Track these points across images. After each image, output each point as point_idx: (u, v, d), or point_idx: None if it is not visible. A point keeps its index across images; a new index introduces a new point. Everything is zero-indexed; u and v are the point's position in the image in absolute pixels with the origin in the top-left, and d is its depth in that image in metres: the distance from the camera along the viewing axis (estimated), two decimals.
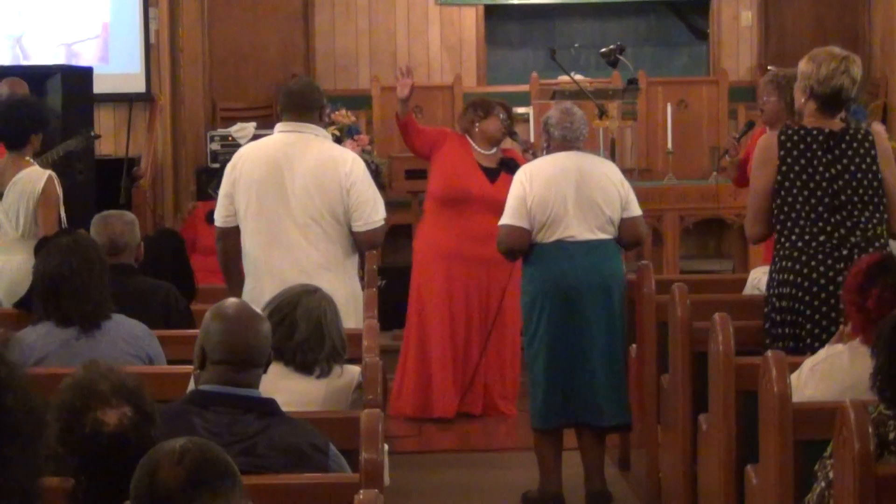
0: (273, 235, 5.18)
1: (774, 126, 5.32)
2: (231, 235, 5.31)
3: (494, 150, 6.89)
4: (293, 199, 5.18)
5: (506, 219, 5.62)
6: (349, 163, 5.33)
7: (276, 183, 5.19)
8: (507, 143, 7.07)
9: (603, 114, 7.89)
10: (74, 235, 4.63)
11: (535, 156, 6.56)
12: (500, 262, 6.53)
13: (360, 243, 5.37)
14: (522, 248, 5.64)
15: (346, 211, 5.21)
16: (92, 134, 7.53)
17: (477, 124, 6.86)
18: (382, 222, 5.36)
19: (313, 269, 5.08)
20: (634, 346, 5.80)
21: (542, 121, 5.87)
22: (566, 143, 5.61)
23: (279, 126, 5.41)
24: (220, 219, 5.35)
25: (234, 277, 5.33)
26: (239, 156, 5.42)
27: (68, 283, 4.23)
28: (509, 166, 6.63)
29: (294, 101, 5.39)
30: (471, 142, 6.89)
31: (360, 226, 5.26)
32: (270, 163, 5.24)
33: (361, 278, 5.66)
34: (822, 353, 3.99)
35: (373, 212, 5.29)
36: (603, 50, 8.78)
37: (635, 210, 5.60)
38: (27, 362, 4.18)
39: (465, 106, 7.29)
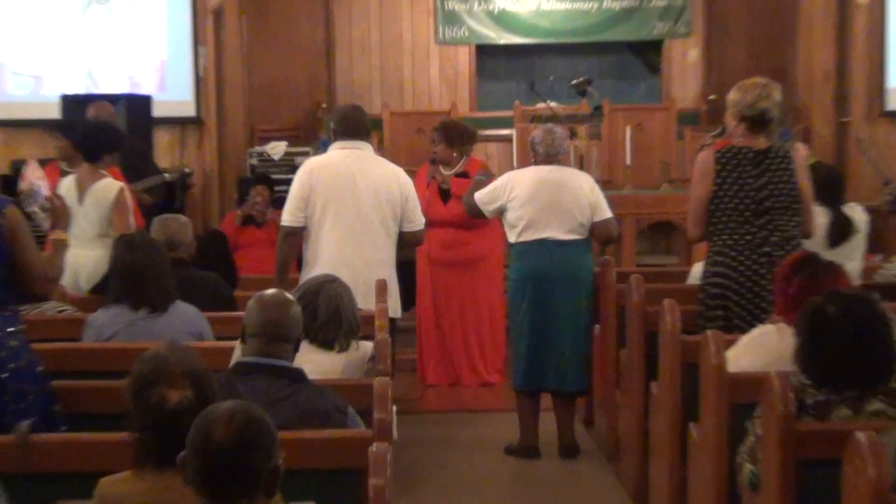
0: (347, 234, 5.16)
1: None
2: (298, 234, 5.27)
3: (453, 169, 6.80)
4: (364, 205, 5.18)
5: (478, 196, 5.77)
6: (402, 175, 5.38)
7: (349, 192, 5.18)
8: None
9: (573, 135, 7.88)
10: (146, 235, 4.64)
11: (441, 184, 6.71)
12: (467, 263, 6.74)
13: (408, 241, 5.42)
14: (477, 217, 6.00)
15: (402, 214, 5.25)
16: (166, 176, 7.65)
17: None
18: (424, 225, 5.42)
19: (376, 263, 5.15)
20: (598, 325, 5.82)
21: (529, 139, 5.90)
22: (549, 157, 5.64)
23: (338, 144, 5.35)
24: (292, 219, 5.25)
25: (286, 271, 5.31)
26: (311, 167, 5.34)
27: (149, 273, 4.24)
28: (460, 177, 6.67)
29: (350, 124, 5.36)
30: (436, 167, 6.84)
31: (411, 227, 5.32)
32: (343, 175, 5.21)
33: None
34: (755, 331, 4.01)
35: (420, 216, 5.38)
36: (573, 82, 8.80)
37: (605, 214, 5.61)
38: (100, 339, 4.22)
39: None
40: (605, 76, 11.00)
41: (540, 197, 5.53)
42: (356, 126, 5.37)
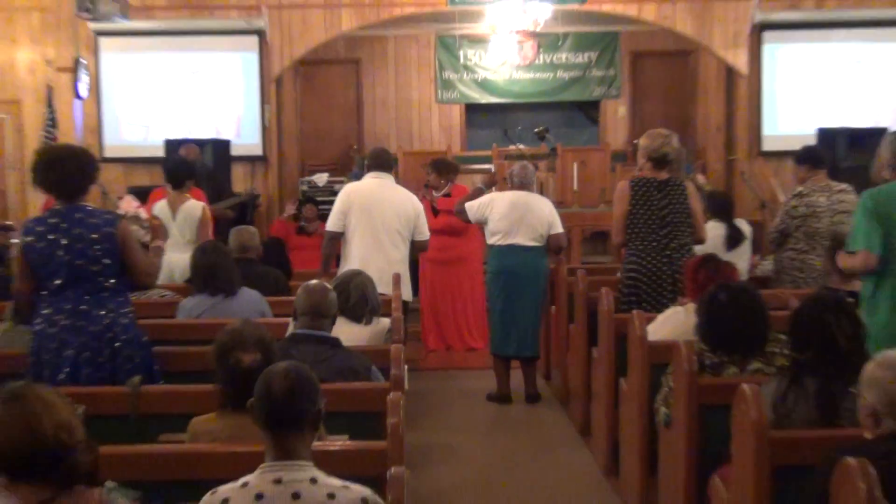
0: (373, 242, 5.13)
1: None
2: (338, 238, 5.23)
3: (440, 192, 6.69)
4: (386, 221, 5.16)
5: (469, 206, 5.67)
6: (415, 200, 5.37)
7: (376, 209, 5.16)
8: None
9: (536, 168, 7.86)
10: (215, 242, 4.62)
11: (432, 202, 6.55)
12: (454, 262, 6.68)
13: (417, 248, 5.37)
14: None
15: (414, 228, 5.23)
16: (242, 194, 7.60)
17: None
18: (429, 236, 5.40)
19: (394, 263, 5.11)
20: (554, 307, 5.81)
21: (508, 171, 5.87)
22: (522, 185, 5.62)
23: (370, 174, 5.32)
24: (334, 227, 5.21)
25: (328, 265, 5.27)
26: (349, 190, 5.31)
27: (218, 269, 4.24)
28: (446, 196, 6.59)
29: (380, 161, 5.36)
30: (431, 190, 6.75)
31: (421, 237, 5.30)
32: (372, 197, 5.19)
33: None
34: (668, 311, 4.01)
35: (426, 230, 5.34)
36: (535, 130, 8.77)
37: (558, 229, 5.58)
38: (190, 318, 4.19)
39: None
40: (558, 126, 11.00)
41: (513, 213, 5.51)
42: (383, 162, 5.36)
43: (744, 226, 5.61)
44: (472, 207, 5.68)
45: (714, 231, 5.26)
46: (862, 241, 3.45)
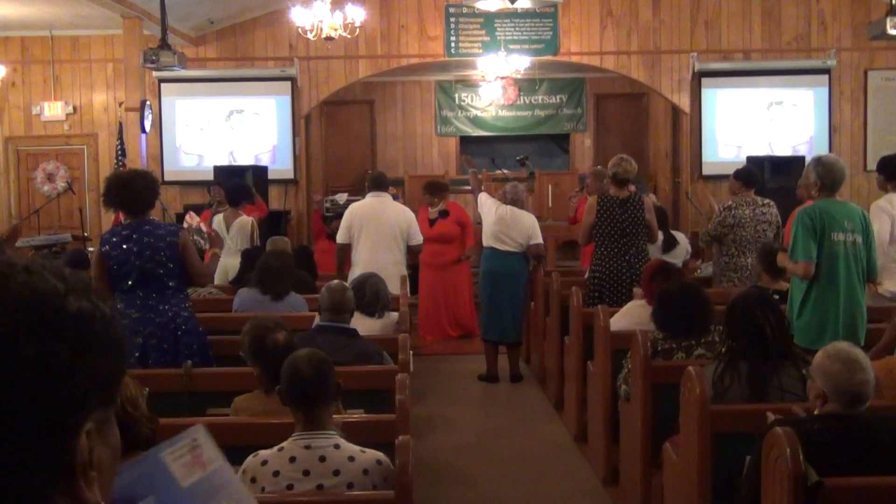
0: (374, 248, 5.12)
1: (593, 194, 5.32)
2: (347, 248, 5.24)
3: (435, 209, 6.56)
4: (384, 230, 5.15)
5: (481, 202, 5.60)
6: (409, 212, 5.37)
7: (375, 222, 5.15)
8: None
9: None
10: (287, 253, 4.55)
11: (429, 216, 6.39)
12: (448, 265, 6.52)
13: (413, 251, 5.35)
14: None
15: (409, 236, 5.21)
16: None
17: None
18: (422, 241, 5.37)
19: (392, 265, 5.08)
20: (533, 303, 5.78)
21: (502, 189, 5.83)
22: (513, 201, 5.55)
23: (370, 194, 5.32)
24: (342, 239, 5.24)
25: (342, 269, 5.25)
26: (352, 208, 5.34)
27: (279, 275, 4.17)
28: (442, 213, 6.51)
29: (377, 182, 5.36)
30: (428, 207, 6.66)
31: (414, 243, 5.28)
32: (371, 212, 5.19)
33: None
34: (627, 305, 3.99)
35: (419, 236, 5.33)
36: (517, 158, 8.72)
37: (537, 240, 5.51)
38: (241, 307, 4.14)
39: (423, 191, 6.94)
40: (536, 154, 10.98)
41: (500, 225, 5.48)
42: (380, 183, 5.36)
43: (679, 235, 5.64)
44: (481, 204, 5.61)
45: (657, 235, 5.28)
46: (802, 253, 3.42)
